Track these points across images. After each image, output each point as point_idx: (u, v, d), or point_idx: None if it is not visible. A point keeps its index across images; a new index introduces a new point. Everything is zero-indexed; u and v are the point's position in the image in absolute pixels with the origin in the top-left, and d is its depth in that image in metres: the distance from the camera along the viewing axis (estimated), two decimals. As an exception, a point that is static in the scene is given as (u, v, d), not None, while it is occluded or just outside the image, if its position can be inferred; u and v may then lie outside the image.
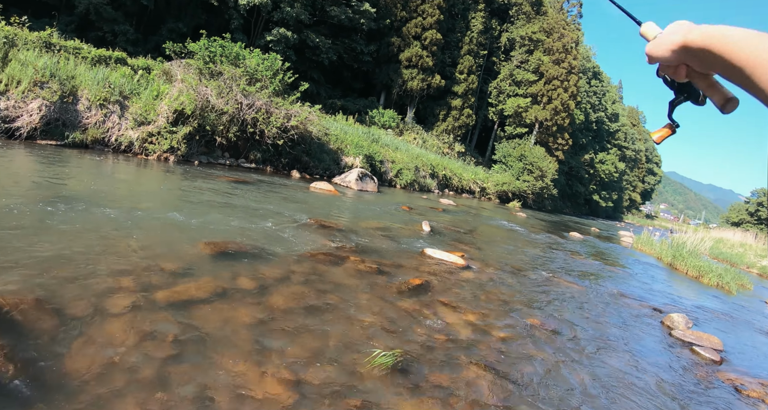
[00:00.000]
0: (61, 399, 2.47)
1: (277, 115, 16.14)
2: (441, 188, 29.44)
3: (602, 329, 6.19)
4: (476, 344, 4.51)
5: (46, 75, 11.60)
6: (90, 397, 2.52)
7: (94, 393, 2.55)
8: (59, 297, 3.50)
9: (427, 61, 37.17)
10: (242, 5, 28.07)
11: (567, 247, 14.73)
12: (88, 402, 2.48)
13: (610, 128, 67.42)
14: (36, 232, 4.82)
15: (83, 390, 2.56)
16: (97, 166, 10.04)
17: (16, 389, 2.47)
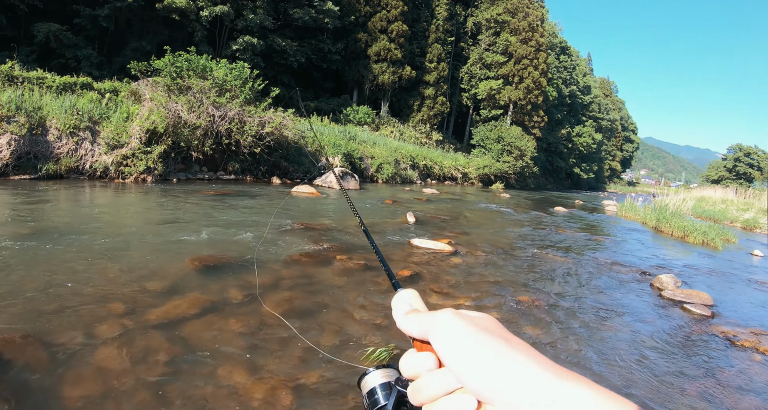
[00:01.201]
0: None
1: (250, 123, 16.10)
2: (423, 178, 29.55)
3: (593, 298, 6.30)
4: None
5: (11, 109, 11.47)
6: None
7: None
8: (48, 330, 3.51)
9: (396, 54, 37.15)
10: (204, 17, 27.85)
11: (552, 222, 14.88)
12: None
13: (584, 101, 67.98)
14: (19, 268, 4.80)
15: None
16: (74, 196, 9.97)
17: None
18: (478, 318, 0.50)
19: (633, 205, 20.98)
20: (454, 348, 0.46)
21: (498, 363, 0.43)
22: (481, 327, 0.47)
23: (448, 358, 0.46)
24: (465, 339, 0.46)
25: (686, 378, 4.08)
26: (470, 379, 0.44)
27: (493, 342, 0.45)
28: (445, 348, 0.47)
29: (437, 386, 0.46)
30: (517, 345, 0.45)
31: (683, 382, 3.98)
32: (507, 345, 0.45)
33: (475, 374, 0.43)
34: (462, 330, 0.47)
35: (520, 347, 0.45)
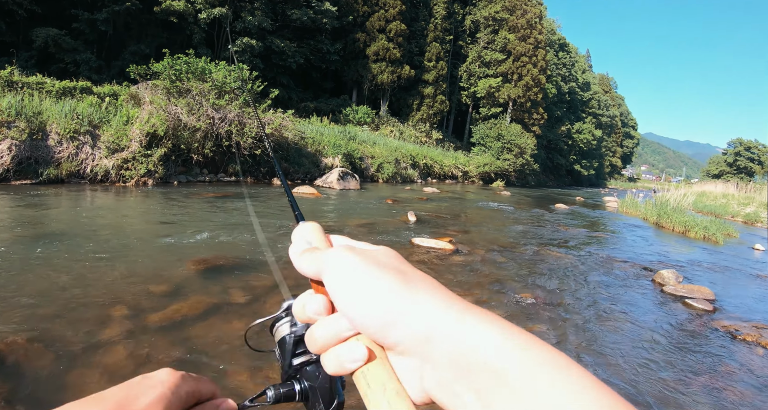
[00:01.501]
0: None
1: (250, 125, 16.12)
2: (423, 177, 29.56)
3: (594, 294, 6.32)
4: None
5: (11, 114, 11.50)
6: None
7: None
8: (51, 333, 3.53)
9: (395, 53, 37.18)
10: (202, 19, 27.91)
11: (553, 219, 14.89)
12: None
13: (583, 98, 67.98)
14: (21, 273, 4.82)
15: None
16: (76, 200, 10.00)
17: None
18: (374, 252, 0.44)
19: (634, 200, 20.98)
20: (344, 286, 0.40)
21: (393, 300, 0.38)
22: (374, 262, 0.41)
23: (338, 299, 0.41)
24: (355, 276, 0.40)
25: (688, 372, 4.09)
26: (363, 321, 0.39)
27: (387, 278, 0.39)
28: (335, 288, 0.41)
29: (328, 333, 0.41)
30: (415, 279, 0.40)
31: (685, 377, 3.99)
32: (403, 279, 0.40)
33: (367, 315, 0.38)
34: (353, 265, 0.41)
35: (420, 281, 0.40)
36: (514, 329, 0.35)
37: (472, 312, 0.37)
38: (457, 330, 0.35)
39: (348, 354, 0.39)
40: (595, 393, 0.30)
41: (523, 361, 0.33)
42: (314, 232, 0.51)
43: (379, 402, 0.37)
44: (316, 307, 0.43)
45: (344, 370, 0.40)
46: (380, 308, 0.38)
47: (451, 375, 0.34)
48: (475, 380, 0.33)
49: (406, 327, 0.37)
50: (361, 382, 0.39)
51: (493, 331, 0.35)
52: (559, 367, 0.32)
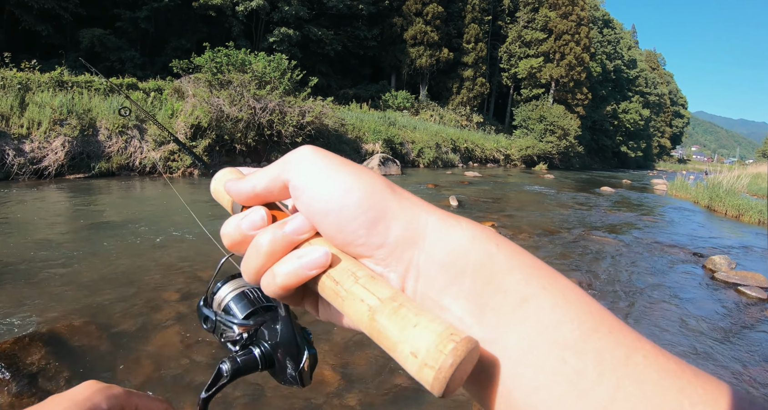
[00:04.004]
0: None
1: (291, 113, 16.32)
2: (465, 161, 29.30)
3: (641, 280, 6.17)
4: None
5: (63, 112, 11.99)
6: None
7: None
8: (108, 316, 3.72)
9: (433, 36, 36.76)
10: (240, 11, 28.25)
11: (599, 203, 14.56)
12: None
13: (629, 75, 65.61)
14: (78, 260, 5.07)
15: None
16: (126, 191, 10.38)
17: None
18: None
19: (684, 183, 20.28)
20: (319, 178, 0.34)
21: (378, 196, 0.33)
22: (349, 161, 0.36)
23: (309, 194, 0.34)
24: (333, 167, 0.35)
25: (740, 362, 3.97)
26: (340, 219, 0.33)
27: (369, 174, 0.35)
28: (306, 181, 0.35)
29: (277, 235, 0.35)
30: (394, 183, 0.35)
31: (737, 366, 3.87)
32: (383, 179, 0.35)
33: (348, 211, 0.33)
34: (329, 157, 0.36)
35: (398, 186, 0.35)
36: (502, 237, 0.32)
37: (459, 217, 0.33)
38: (447, 230, 0.32)
39: (309, 255, 0.33)
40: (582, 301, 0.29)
41: (516, 266, 0.30)
42: (236, 172, 0.46)
43: (353, 293, 0.32)
44: (255, 217, 0.37)
45: (302, 278, 0.34)
46: (366, 203, 0.33)
47: (439, 282, 0.31)
48: (466, 286, 0.30)
49: (392, 226, 0.32)
50: (326, 284, 0.33)
51: (484, 235, 0.31)
52: (548, 274, 0.30)
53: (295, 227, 0.35)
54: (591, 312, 0.29)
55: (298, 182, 0.35)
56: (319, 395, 2.94)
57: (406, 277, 0.32)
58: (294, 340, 0.44)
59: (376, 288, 0.31)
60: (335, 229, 0.33)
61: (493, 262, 0.30)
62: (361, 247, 0.33)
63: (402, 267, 0.32)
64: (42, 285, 4.36)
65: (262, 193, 0.38)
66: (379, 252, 0.32)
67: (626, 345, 0.27)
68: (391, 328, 0.29)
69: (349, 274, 0.33)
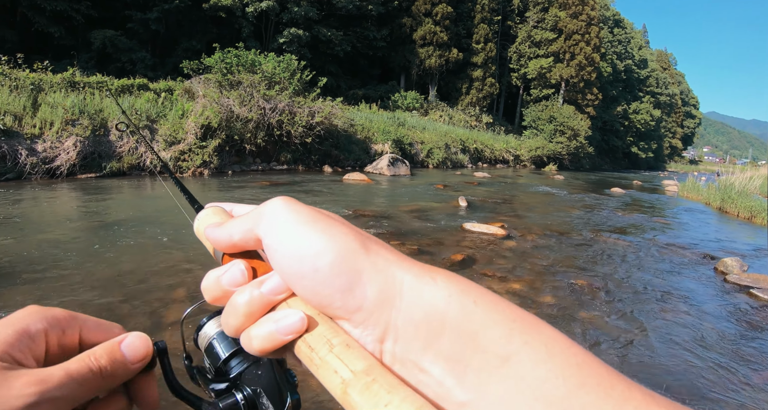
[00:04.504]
0: None
1: (300, 114, 16.36)
2: (474, 162, 29.25)
3: (652, 281, 6.12)
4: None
5: (75, 113, 12.10)
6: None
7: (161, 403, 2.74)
8: (118, 316, 3.75)
9: (442, 37, 36.73)
10: (250, 12, 28.39)
11: (609, 204, 14.47)
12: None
13: (640, 75, 65.18)
14: (89, 259, 5.11)
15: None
16: (137, 191, 10.45)
17: None
18: (322, 210, 0.37)
19: (695, 184, 20.11)
20: (290, 237, 0.33)
21: (352, 257, 0.32)
22: (322, 213, 0.36)
23: (281, 255, 0.33)
24: (305, 225, 0.33)
25: (751, 366, 3.92)
26: (314, 283, 0.32)
27: (343, 231, 0.33)
28: (277, 240, 0.34)
29: (253, 296, 0.34)
30: (368, 237, 0.35)
31: (748, 371, 3.82)
32: (358, 234, 0.34)
33: (321, 274, 0.32)
34: (300, 213, 0.35)
35: (374, 240, 0.35)
36: (480, 288, 0.32)
37: (435, 271, 0.32)
38: (423, 289, 0.31)
39: (284, 319, 0.33)
40: (567, 353, 0.28)
41: (496, 321, 0.29)
42: (221, 214, 0.46)
43: (327, 362, 0.31)
44: (235, 273, 0.37)
45: (277, 342, 0.33)
46: (339, 266, 0.31)
47: (418, 344, 0.30)
48: (445, 347, 0.29)
49: (368, 289, 0.31)
50: (302, 349, 0.33)
51: (461, 291, 0.31)
52: (530, 327, 0.29)
53: (272, 287, 0.34)
54: (577, 365, 0.27)
55: (270, 242, 0.34)
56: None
57: (384, 340, 0.31)
58: (276, 385, 0.42)
59: (350, 359, 0.30)
60: (310, 293, 0.33)
61: (471, 320, 0.29)
62: (338, 310, 0.32)
63: (380, 330, 0.31)
64: (53, 283, 4.40)
65: (240, 244, 0.38)
66: (356, 315, 0.31)
67: (615, 397, 0.25)
68: (362, 405, 0.28)
69: (324, 341, 0.32)
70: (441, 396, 0.29)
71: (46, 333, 0.36)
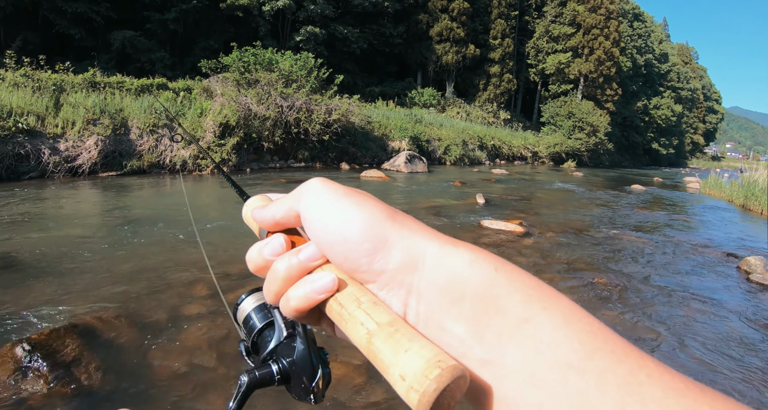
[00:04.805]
0: (149, 400, 2.71)
1: (318, 111, 16.41)
2: (492, 158, 29.09)
3: (673, 280, 6.03)
4: (543, 309, 4.51)
5: (96, 112, 12.31)
6: (174, 397, 2.76)
7: (177, 393, 2.79)
8: (138, 311, 3.81)
9: (459, 33, 36.53)
10: (266, 11, 28.51)
11: (629, 201, 14.29)
12: (173, 401, 2.72)
13: (661, 70, 64.17)
14: (110, 255, 5.19)
15: (168, 391, 2.82)
16: (157, 188, 10.57)
17: (108, 395, 2.74)
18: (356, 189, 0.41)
19: (718, 181, 19.74)
20: (325, 209, 0.38)
21: (379, 224, 0.35)
22: (354, 190, 0.39)
23: (317, 224, 0.38)
24: (337, 199, 0.38)
25: (779, 361, 3.84)
26: (345, 248, 0.36)
27: (371, 203, 0.37)
28: (314, 212, 0.38)
29: (292, 263, 0.38)
30: (396, 210, 0.38)
31: (776, 366, 3.75)
32: (386, 207, 0.38)
33: (351, 240, 0.35)
34: (334, 189, 0.39)
35: (401, 212, 0.38)
36: (501, 258, 0.34)
37: (459, 242, 0.35)
38: (446, 256, 0.33)
39: (318, 280, 0.37)
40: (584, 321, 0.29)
41: (516, 288, 0.31)
42: (266, 200, 0.50)
43: (355, 317, 0.34)
44: (275, 245, 0.41)
45: (312, 301, 0.37)
46: (366, 232, 0.35)
47: (440, 305, 0.32)
48: (467, 309, 0.31)
49: (392, 253, 0.34)
50: (333, 307, 0.36)
51: (483, 259, 0.33)
52: (549, 295, 0.31)
53: (309, 255, 0.38)
54: (593, 332, 0.29)
55: (307, 214, 0.39)
56: (345, 391, 2.95)
57: (408, 301, 0.34)
58: (309, 359, 0.45)
59: (376, 313, 0.34)
60: (341, 258, 0.36)
61: (492, 285, 0.31)
62: (365, 274, 0.35)
63: (404, 292, 0.34)
64: (76, 278, 4.48)
65: (282, 221, 0.42)
66: (381, 278, 0.35)
67: (629, 364, 0.27)
68: (385, 352, 0.31)
69: (353, 299, 0.35)
70: (462, 353, 0.31)
71: None
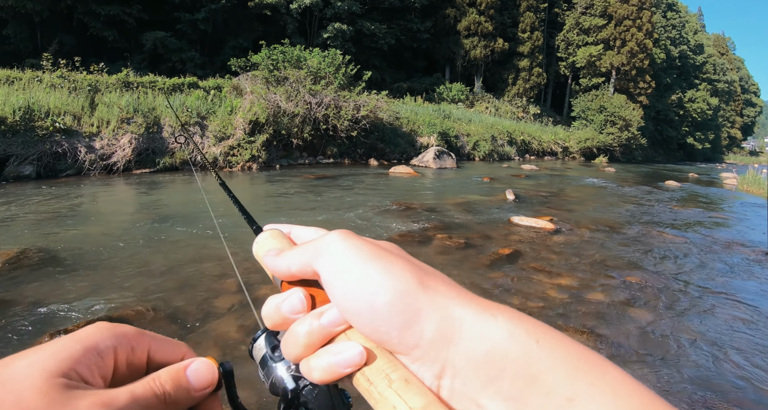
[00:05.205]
0: None
1: (346, 108, 16.48)
2: (521, 154, 28.77)
3: (709, 280, 5.87)
4: (573, 308, 4.46)
5: (130, 111, 12.65)
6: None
7: None
8: (171, 304, 3.92)
9: (487, 26, 36.15)
10: (294, 9, 28.70)
11: (663, 198, 13.97)
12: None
13: (696, 61, 62.42)
14: (144, 250, 5.32)
15: None
16: (188, 185, 10.77)
17: None
18: (379, 242, 0.38)
19: (756, 177, 19.15)
20: (348, 272, 0.34)
21: (411, 293, 0.32)
22: (380, 247, 0.36)
23: (339, 289, 0.34)
24: (362, 261, 0.34)
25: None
26: (373, 319, 0.32)
27: (402, 267, 0.34)
28: (336, 275, 0.34)
29: (313, 328, 0.35)
30: (428, 270, 0.35)
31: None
32: (417, 269, 0.34)
33: (380, 311, 0.32)
34: (358, 248, 0.35)
35: (433, 273, 0.35)
36: (543, 325, 0.31)
37: (496, 308, 0.32)
38: (484, 327, 0.30)
39: (344, 353, 0.33)
40: (634, 395, 0.27)
41: (560, 361, 0.28)
42: (279, 237, 0.46)
43: (386, 398, 0.31)
44: (294, 302, 0.37)
45: (337, 375, 0.33)
46: (396, 305, 0.32)
47: (477, 382, 0.29)
48: (506, 386, 0.28)
49: (426, 326, 0.31)
50: (361, 382, 0.33)
51: (524, 330, 0.30)
52: (596, 367, 0.28)
53: (331, 320, 0.35)
54: (644, 407, 0.26)
55: (328, 278, 0.35)
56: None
57: (442, 376, 0.31)
58: (331, 404, 0.42)
59: (409, 395, 0.30)
60: (368, 329, 0.33)
61: (533, 361, 0.28)
62: (396, 346, 0.32)
63: (437, 366, 0.31)
64: (111, 272, 4.61)
65: (298, 275, 0.39)
66: (414, 352, 0.31)
67: None
68: None
69: (383, 376, 0.32)
70: None
71: (116, 350, 0.36)
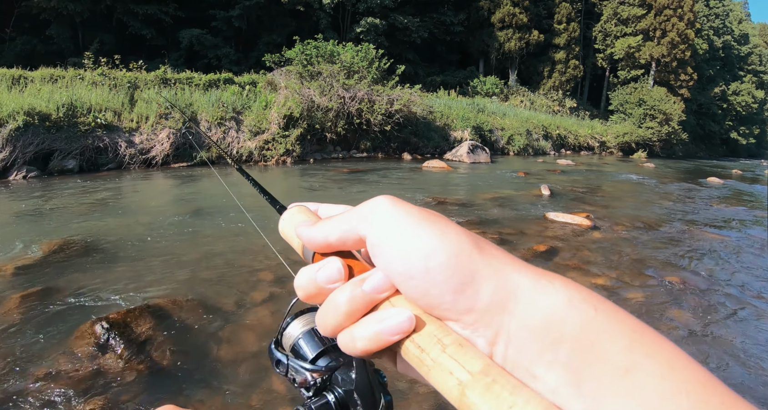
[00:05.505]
0: (218, 382, 2.86)
1: (379, 102, 16.49)
2: (557, 149, 28.31)
3: (753, 282, 5.65)
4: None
5: (168, 107, 12.91)
6: (243, 379, 2.89)
7: (245, 377, 2.91)
8: (208, 295, 4.02)
9: (521, 18, 35.54)
10: (327, 4, 28.78)
11: (705, 195, 13.55)
12: (243, 383, 2.85)
13: (741, 52, 60.09)
14: (181, 242, 5.46)
15: (236, 373, 2.95)
16: (225, 179, 10.95)
17: (178, 375, 2.91)
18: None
19: (804, 171, 18.36)
20: (399, 236, 0.32)
21: (465, 256, 0.30)
22: (430, 213, 0.34)
23: (388, 253, 0.32)
24: (414, 224, 0.32)
25: None
26: (424, 283, 0.30)
27: (455, 231, 0.32)
28: (385, 239, 0.32)
29: (356, 295, 0.33)
30: (480, 238, 0.33)
31: None
32: (470, 234, 0.32)
33: (432, 274, 0.30)
34: (409, 211, 0.33)
35: (485, 241, 0.33)
36: (598, 295, 0.30)
37: (552, 275, 0.30)
38: (541, 293, 0.29)
39: (391, 319, 0.31)
40: (690, 369, 0.26)
41: (617, 331, 0.27)
42: (306, 212, 0.44)
43: (440, 363, 0.29)
44: (332, 270, 0.35)
45: (383, 343, 0.31)
46: (453, 266, 0.30)
47: (532, 350, 0.28)
48: (563, 355, 0.27)
49: (482, 290, 0.29)
50: (410, 350, 0.31)
51: (582, 297, 0.29)
52: (652, 340, 0.27)
53: (375, 285, 0.32)
54: (701, 382, 0.25)
55: (377, 241, 0.33)
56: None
57: (495, 343, 0.29)
58: (369, 386, 0.41)
59: (465, 359, 0.29)
60: (419, 293, 0.31)
61: (591, 329, 0.27)
62: (447, 311, 0.30)
63: (491, 332, 0.29)
64: (150, 263, 4.75)
65: (336, 244, 0.37)
66: (466, 317, 0.30)
67: None
68: (483, 408, 0.27)
69: (435, 341, 0.30)
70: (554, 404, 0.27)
71: None
